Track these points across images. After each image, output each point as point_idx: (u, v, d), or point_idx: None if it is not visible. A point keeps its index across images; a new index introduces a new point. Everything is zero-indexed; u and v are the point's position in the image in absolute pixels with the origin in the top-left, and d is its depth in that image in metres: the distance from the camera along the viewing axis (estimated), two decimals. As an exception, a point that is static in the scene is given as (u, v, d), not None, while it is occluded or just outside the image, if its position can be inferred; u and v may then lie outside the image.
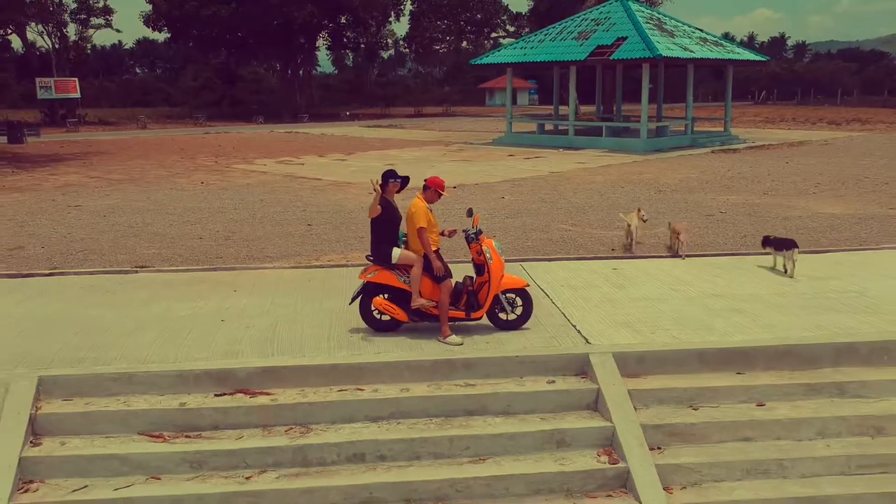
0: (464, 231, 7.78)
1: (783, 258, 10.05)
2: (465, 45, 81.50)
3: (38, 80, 51.69)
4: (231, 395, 6.58)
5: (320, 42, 72.37)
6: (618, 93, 38.75)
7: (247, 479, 6.01)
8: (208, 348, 7.28)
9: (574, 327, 7.83)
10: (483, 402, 6.63)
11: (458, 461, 6.24)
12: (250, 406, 6.46)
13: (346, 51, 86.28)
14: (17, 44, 70.67)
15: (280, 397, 6.56)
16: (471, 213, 7.98)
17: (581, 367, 6.99)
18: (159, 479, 5.99)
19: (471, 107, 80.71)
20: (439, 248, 7.63)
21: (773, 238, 10.45)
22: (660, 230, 13.06)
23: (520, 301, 7.81)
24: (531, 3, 75.21)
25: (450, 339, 7.38)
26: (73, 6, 60.82)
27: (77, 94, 52.47)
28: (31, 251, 12.27)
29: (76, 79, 53.27)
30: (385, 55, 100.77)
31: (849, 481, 6.25)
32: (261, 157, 28.71)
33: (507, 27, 79.20)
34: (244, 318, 8.19)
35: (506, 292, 7.73)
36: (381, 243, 7.54)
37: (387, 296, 7.60)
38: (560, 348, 7.23)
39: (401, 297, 7.56)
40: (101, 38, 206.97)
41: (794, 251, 9.89)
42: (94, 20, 62.48)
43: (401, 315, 7.54)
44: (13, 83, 69.89)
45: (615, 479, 6.15)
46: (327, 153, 30.29)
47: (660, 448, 6.38)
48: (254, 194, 18.76)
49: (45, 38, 58.39)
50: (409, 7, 73.67)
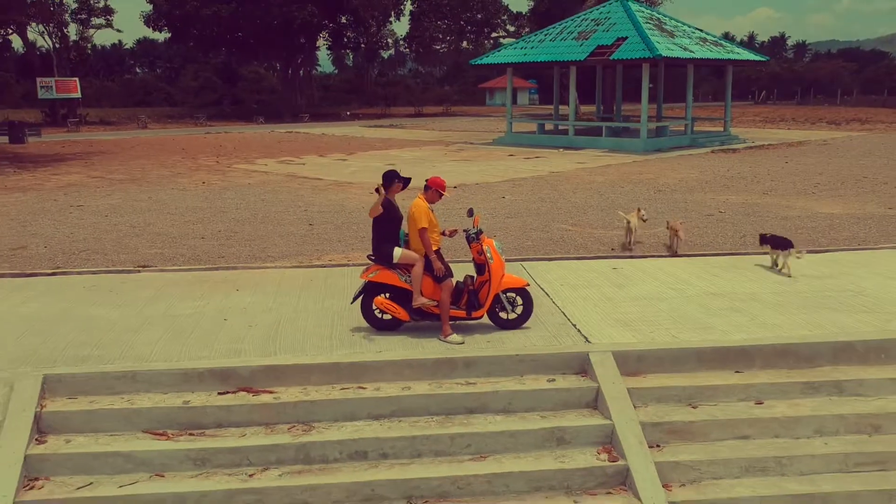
0: (464, 231, 7.84)
1: (782, 257, 10.11)
2: (465, 44, 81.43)
3: (38, 79, 51.71)
4: (234, 393, 6.64)
5: (321, 42, 72.48)
6: (618, 93, 38.80)
7: (250, 476, 6.07)
8: (211, 347, 7.33)
9: (574, 326, 7.89)
10: (484, 400, 6.68)
11: (459, 459, 6.29)
12: (253, 404, 6.52)
13: (347, 50, 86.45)
14: (17, 43, 70.83)
15: (283, 395, 6.62)
16: (471, 213, 8.03)
17: (581, 366, 7.04)
18: (163, 476, 6.05)
19: (471, 106, 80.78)
20: (440, 248, 7.69)
21: (770, 236, 10.52)
22: (659, 230, 13.12)
23: (520, 300, 7.87)
24: (531, 2, 75.22)
25: (451, 338, 7.44)
26: (74, 6, 60.94)
27: (78, 94, 52.52)
28: (34, 251, 12.32)
29: (77, 79, 53.31)
30: (385, 55, 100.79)
31: (846, 479, 6.30)
32: (262, 156, 28.76)
33: (508, 27, 79.18)
34: (247, 317, 8.25)
35: (506, 291, 7.78)
36: (383, 243, 7.60)
37: (388, 295, 7.65)
38: (560, 347, 7.28)
39: (402, 296, 7.61)
40: (101, 37, 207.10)
41: (790, 251, 9.97)
42: (95, 20, 62.56)
43: (402, 314, 7.60)
44: (14, 83, 70.02)
45: (615, 476, 6.20)
46: (328, 153, 30.34)
47: (659, 446, 6.43)
48: (255, 194, 18.81)
49: (45, 38, 58.52)
50: (409, 7, 73.74)
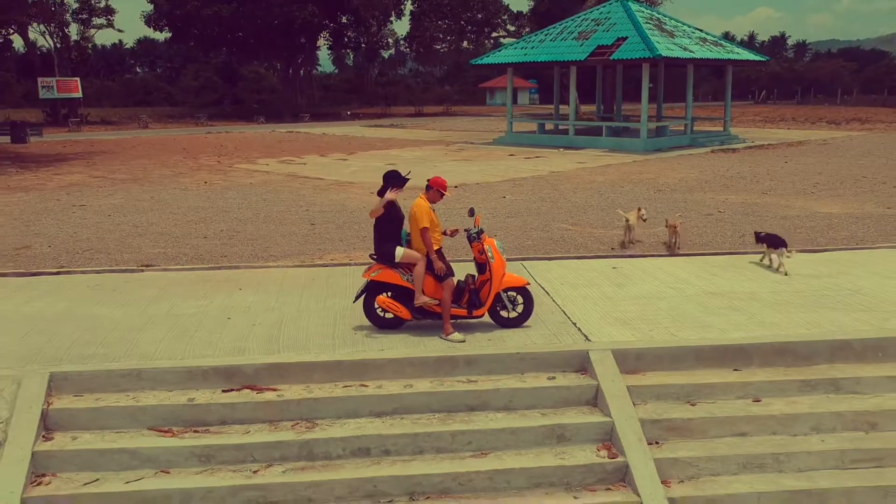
0: (466, 230, 7.91)
1: (776, 255, 10.22)
2: (465, 44, 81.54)
3: (40, 79, 51.78)
4: (238, 391, 6.72)
5: (321, 42, 72.50)
6: (618, 93, 38.86)
7: (254, 472, 6.15)
8: (215, 345, 7.41)
9: (574, 325, 7.96)
10: (485, 397, 6.76)
11: (461, 455, 6.37)
12: (257, 402, 6.59)
13: (347, 50, 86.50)
14: (18, 43, 70.88)
15: (286, 393, 6.69)
16: (472, 212, 8.11)
17: (581, 364, 7.12)
18: (168, 472, 6.13)
19: (471, 106, 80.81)
20: (441, 248, 7.76)
21: (766, 234, 10.62)
22: (659, 229, 13.19)
23: (521, 299, 7.94)
24: (531, 2, 75.29)
25: (452, 337, 7.51)
26: (75, 6, 61.05)
27: (79, 94, 52.57)
28: (38, 250, 12.40)
29: (78, 78, 53.37)
30: (386, 55, 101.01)
31: (843, 475, 6.38)
32: (263, 156, 28.83)
33: (508, 27, 79.24)
34: (250, 316, 8.33)
35: (507, 290, 7.85)
36: (385, 242, 7.67)
37: (390, 294, 7.72)
38: (560, 345, 7.35)
39: (404, 295, 7.69)
40: (101, 37, 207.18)
41: (782, 249, 10.07)
42: (96, 20, 62.77)
43: (404, 313, 7.67)
44: (14, 83, 70.09)
45: (614, 472, 6.28)
46: (329, 153, 30.42)
47: (658, 443, 6.50)
48: (257, 194, 18.89)
49: (46, 37, 58.60)
50: (409, 7, 73.81)
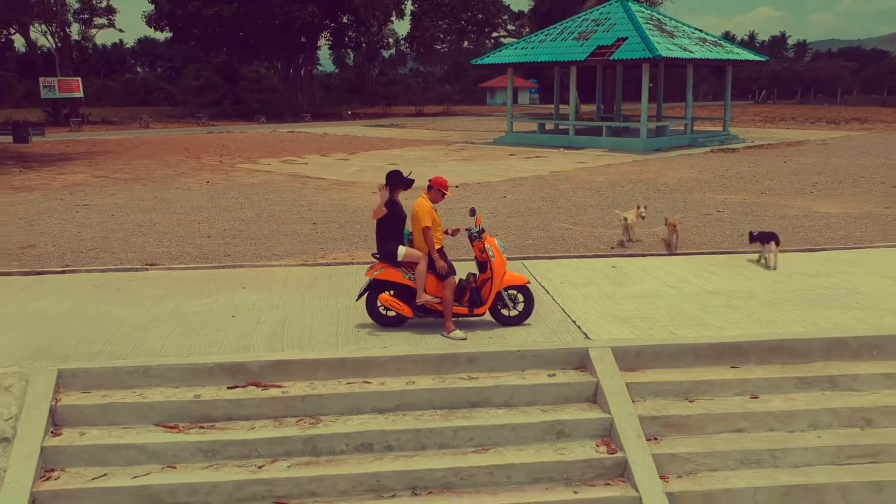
0: (467, 230, 8.01)
1: (766, 251, 10.37)
2: (466, 44, 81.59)
3: (41, 79, 51.81)
4: (243, 387, 6.82)
5: (322, 41, 72.52)
6: (618, 93, 38.95)
7: (259, 467, 6.25)
8: (220, 343, 7.51)
9: (574, 323, 8.06)
10: (486, 394, 6.86)
11: (462, 451, 6.47)
12: (262, 398, 6.70)
13: (348, 50, 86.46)
14: (19, 43, 70.93)
15: (290, 390, 6.79)
16: (473, 212, 8.20)
17: (580, 361, 7.22)
18: (175, 467, 6.23)
19: (472, 106, 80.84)
20: (443, 247, 7.87)
21: (759, 233, 10.75)
22: (658, 228, 13.28)
23: (521, 297, 8.03)
24: (532, 2, 75.34)
25: (453, 334, 7.61)
26: (77, 6, 61.09)
27: (80, 94, 52.61)
28: (43, 249, 12.50)
29: (79, 78, 53.43)
30: (386, 54, 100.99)
31: (838, 470, 6.48)
32: (264, 156, 28.92)
33: (509, 27, 79.29)
34: (254, 314, 8.42)
35: (508, 289, 7.95)
36: (387, 241, 7.76)
37: (392, 292, 7.82)
38: (560, 343, 7.45)
39: (406, 293, 7.79)
40: (102, 37, 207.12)
41: (771, 244, 10.22)
42: (97, 20, 62.76)
43: (406, 311, 7.77)
44: (16, 83, 70.15)
45: (613, 468, 6.38)
46: (330, 152, 30.51)
47: (656, 439, 6.60)
48: (259, 193, 18.99)
49: (48, 37, 58.56)
50: (410, 6, 73.84)
